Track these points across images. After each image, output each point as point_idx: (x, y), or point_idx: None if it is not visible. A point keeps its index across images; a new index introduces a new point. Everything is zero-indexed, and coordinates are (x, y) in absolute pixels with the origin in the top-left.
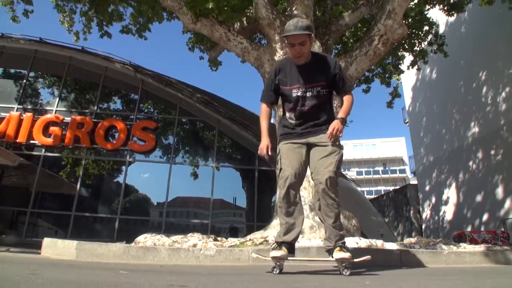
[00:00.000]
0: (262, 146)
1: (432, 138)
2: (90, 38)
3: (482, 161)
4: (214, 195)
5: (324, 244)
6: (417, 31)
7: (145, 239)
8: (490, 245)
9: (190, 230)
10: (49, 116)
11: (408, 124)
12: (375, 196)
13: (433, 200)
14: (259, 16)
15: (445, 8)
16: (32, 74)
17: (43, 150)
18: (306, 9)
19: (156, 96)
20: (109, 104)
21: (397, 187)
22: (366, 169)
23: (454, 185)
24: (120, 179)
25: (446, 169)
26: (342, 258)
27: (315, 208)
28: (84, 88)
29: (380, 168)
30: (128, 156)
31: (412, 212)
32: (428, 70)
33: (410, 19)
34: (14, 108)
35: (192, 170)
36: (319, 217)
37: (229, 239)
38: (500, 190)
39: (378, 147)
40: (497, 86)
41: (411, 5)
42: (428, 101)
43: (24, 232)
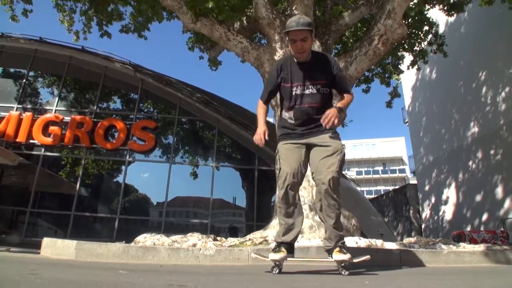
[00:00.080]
0: (259, 132)
1: (431, 138)
2: (90, 38)
3: (482, 161)
4: (214, 195)
5: (324, 244)
6: (417, 31)
7: (144, 239)
8: (489, 244)
9: (190, 229)
10: (48, 115)
11: (407, 124)
12: (375, 196)
13: (433, 200)
14: (259, 16)
15: (445, 8)
16: (32, 73)
17: (43, 149)
18: (306, 9)
19: (156, 96)
20: (109, 103)
21: (397, 187)
22: (366, 169)
23: (453, 185)
24: (120, 179)
25: (446, 169)
26: (342, 260)
27: (316, 208)
28: (84, 88)
29: (380, 168)
30: (128, 155)
31: (411, 212)
32: (428, 70)
33: (410, 19)
34: (13, 107)
35: (192, 169)
36: (319, 217)
37: (228, 239)
38: (499, 190)
39: (377, 147)
40: (496, 86)
41: (411, 5)
42: (427, 101)
43: (24, 232)
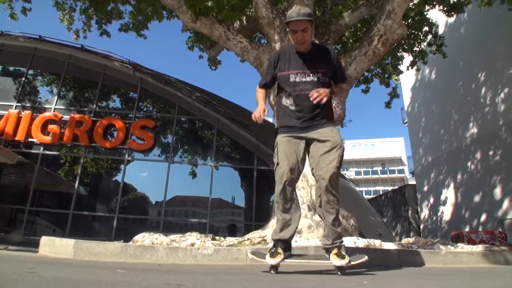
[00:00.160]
0: (259, 109)
1: (430, 139)
2: (90, 36)
3: (481, 161)
4: (213, 195)
5: (322, 242)
6: (416, 32)
7: (143, 238)
8: (487, 245)
9: (189, 229)
10: (47, 114)
11: (407, 124)
12: (374, 196)
13: (431, 200)
14: (259, 16)
15: (445, 9)
16: (31, 72)
17: (42, 148)
18: None
19: (155, 95)
20: (108, 102)
21: (396, 187)
22: (365, 169)
23: (452, 186)
24: (119, 178)
25: (445, 170)
26: (339, 265)
27: (316, 204)
28: (83, 86)
29: (379, 168)
30: (127, 154)
31: (410, 212)
32: (427, 70)
33: (410, 19)
34: (13, 106)
35: (191, 169)
36: (319, 214)
37: (227, 238)
38: (498, 191)
39: (376, 147)
40: (496, 87)
41: (411, 6)
42: (427, 102)
43: (23, 230)
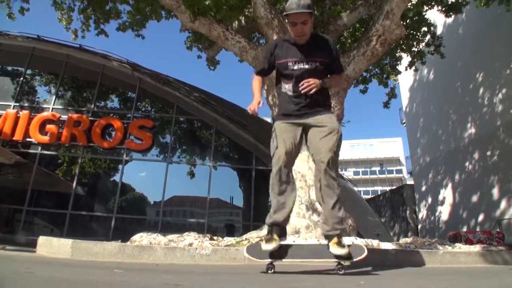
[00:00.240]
0: (254, 102)
1: (428, 139)
2: (88, 36)
3: (478, 162)
4: (211, 195)
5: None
6: (414, 32)
7: (141, 238)
8: (485, 245)
9: (187, 229)
10: (46, 114)
11: (405, 124)
12: (372, 196)
13: (429, 200)
14: (258, 16)
15: (443, 9)
16: (29, 71)
17: (40, 148)
18: None
19: (154, 95)
20: (106, 102)
21: (394, 187)
22: (363, 169)
23: (450, 186)
24: (117, 178)
25: (443, 170)
26: (339, 254)
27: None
28: (81, 86)
29: (377, 168)
30: (125, 154)
31: (408, 212)
32: (425, 71)
33: (408, 20)
34: (10, 105)
35: (189, 169)
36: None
37: (225, 238)
38: (495, 191)
39: (375, 148)
40: (494, 88)
41: (409, 6)
42: (425, 102)
43: (20, 230)
